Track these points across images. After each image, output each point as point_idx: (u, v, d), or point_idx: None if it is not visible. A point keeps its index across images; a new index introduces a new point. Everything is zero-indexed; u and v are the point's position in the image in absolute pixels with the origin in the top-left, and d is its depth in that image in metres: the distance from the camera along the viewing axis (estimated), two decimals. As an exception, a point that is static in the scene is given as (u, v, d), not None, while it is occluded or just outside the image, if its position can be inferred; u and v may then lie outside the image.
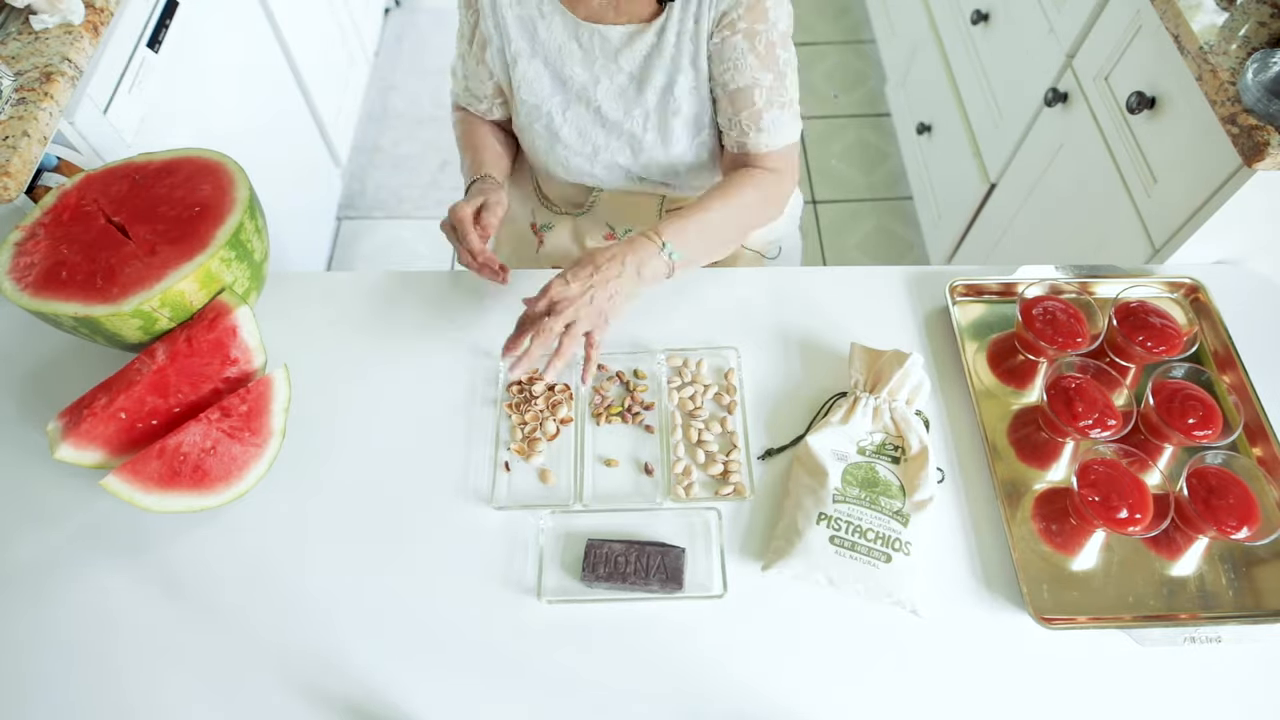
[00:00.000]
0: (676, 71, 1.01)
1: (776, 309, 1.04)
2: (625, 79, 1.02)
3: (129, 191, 0.96)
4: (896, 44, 2.43)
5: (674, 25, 0.98)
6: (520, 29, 1.01)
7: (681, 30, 0.98)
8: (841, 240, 2.35)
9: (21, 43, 1.16)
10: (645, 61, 1.01)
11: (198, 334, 0.90)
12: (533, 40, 1.01)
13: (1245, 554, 0.88)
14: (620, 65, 1.01)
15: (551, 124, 1.07)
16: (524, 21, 1.00)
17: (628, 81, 1.02)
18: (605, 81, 1.02)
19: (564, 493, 0.92)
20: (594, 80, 1.03)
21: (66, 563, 0.88)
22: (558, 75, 1.03)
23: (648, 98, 1.03)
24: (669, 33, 0.98)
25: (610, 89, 1.03)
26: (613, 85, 1.03)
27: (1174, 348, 0.97)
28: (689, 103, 1.03)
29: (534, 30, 1.00)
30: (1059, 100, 1.52)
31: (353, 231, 2.37)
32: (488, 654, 0.83)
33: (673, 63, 1.00)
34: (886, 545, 0.84)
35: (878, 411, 0.92)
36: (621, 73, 1.02)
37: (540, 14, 0.99)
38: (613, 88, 1.03)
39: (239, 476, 0.90)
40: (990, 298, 1.08)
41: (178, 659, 0.83)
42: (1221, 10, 1.14)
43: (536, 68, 1.03)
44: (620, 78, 1.02)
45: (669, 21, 0.98)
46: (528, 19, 1.00)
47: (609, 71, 1.02)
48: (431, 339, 1.04)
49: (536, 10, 0.99)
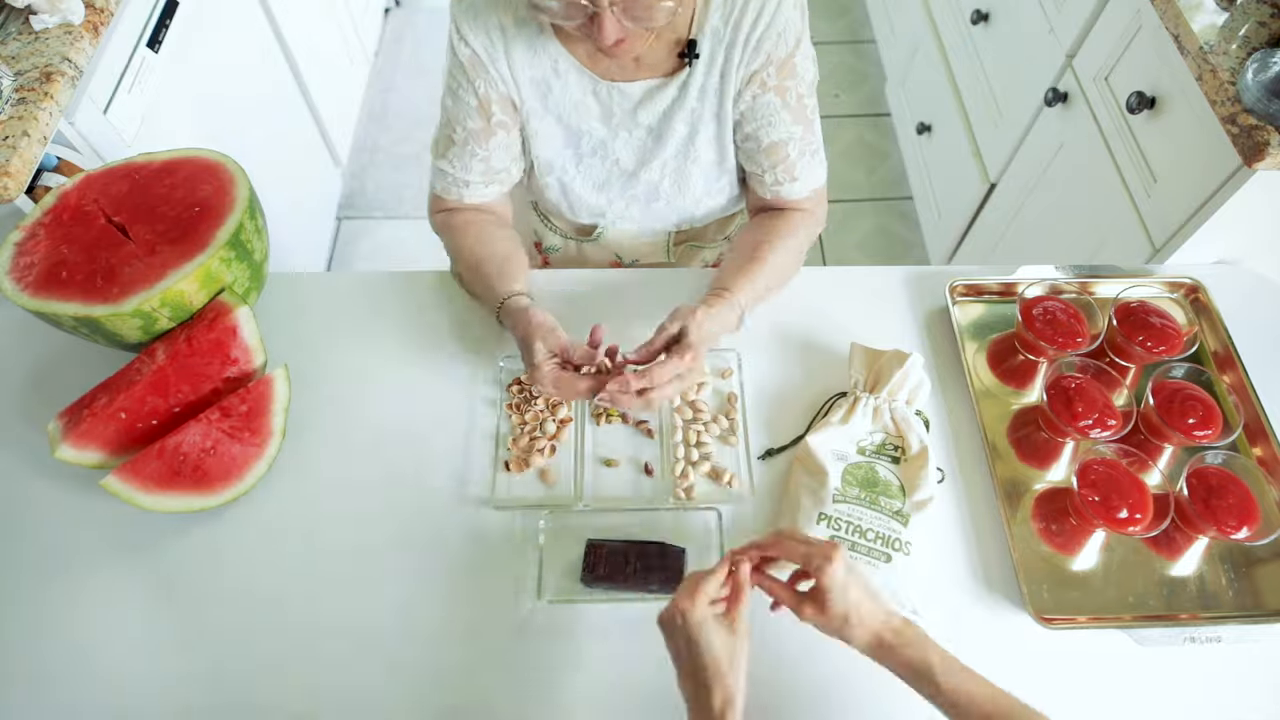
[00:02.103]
0: (699, 123, 1.00)
1: (776, 309, 1.04)
2: (644, 132, 1.01)
3: (129, 191, 0.96)
4: (896, 44, 2.43)
5: (697, 80, 0.96)
6: (533, 90, 0.98)
7: (705, 85, 0.97)
8: (841, 240, 2.35)
9: (21, 43, 1.16)
10: (665, 115, 0.99)
11: (198, 334, 0.90)
12: (545, 99, 0.98)
13: (1245, 554, 0.88)
14: (639, 120, 1.00)
15: (564, 177, 1.06)
16: (537, 83, 0.97)
17: (646, 135, 1.01)
18: (624, 134, 1.01)
19: (564, 493, 0.92)
20: (612, 135, 1.01)
21: (66, 563, 0.88)
22: (572, 131, 1.01)
23: (667, 148, 1.02)
24: (691, 87, 0.97)
25: (629, 142, 1.02)
26: (631, 139, 1.02)
27: (1174, 348, 0.97)
28: (709, 151, 1.02)
29: (548, 90, 0.97)
30: (1059, 100, 1.51)
31: (353, 231, 2.37)
32: (488, 653, 0.83)
33: (694, 115, 0.99)
34: (886, 545, 0.84)
35: (878, 411, 0.92)
36: (640, 127, 1.00)
37: (555, 73, 0.96)
38: (631, 140, 1.02)
39: (239, 476, 0.90)
40: (990, 298, 1.08)
41: (177, 658, 0.83)
42: (1221, 10, 1.14)
43: (549, 125, 1.01)
44: (639, 132, 1.01)
45: (692, 77, 0.96)
46: (541, 80, 0.97)
47: (627, 126, 1.00)
48: (432, 339, 1.04)
49: (551, 70, 0.96)
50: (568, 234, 1.20)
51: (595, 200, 1.08)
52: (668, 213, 1.10)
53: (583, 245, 1.19)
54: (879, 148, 2.54)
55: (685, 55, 0.94)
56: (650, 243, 1.17)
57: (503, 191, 1.06)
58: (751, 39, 0.92)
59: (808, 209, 1.05)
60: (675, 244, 1.18)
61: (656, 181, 1.05)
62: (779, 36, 0.92)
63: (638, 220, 1.11)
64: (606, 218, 1.11)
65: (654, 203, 1.08)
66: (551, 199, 1.10)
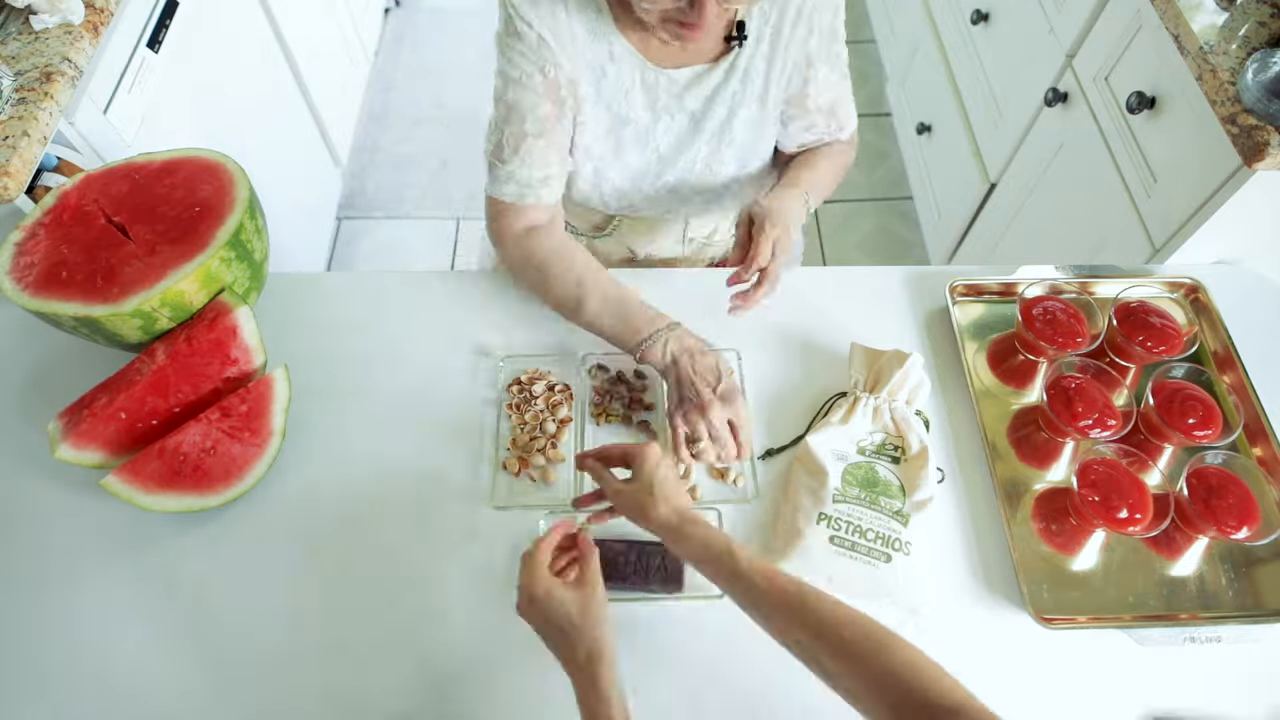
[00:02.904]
0: (739, 105, 1.00)
1: (776, 309, 1.04)
2: (686, 118, 1.01)
3: (129, 191, 0.96)
4: (896, 44, 2.43)
5: (743, 63, 0.97)
6: (589, 75, 0.96)
7: (750, 67, 0.97)
8: (842, 240, 2.35)
9: (21, 43, 1.16)
10: (709, 100, 1.00)
11: (198, 334, 0.90)
12: (599, 85, 0.97)
13: (1245, 554, 0.88)
14: (684, 105, 1.00)
15: (601, 165, 1.05)
16: (593, 68, 0.96)
17: (687, 120, 1.01)
18: (665, 120, 1.01)
19: (564, 492, 0.92)
20: (655, 120, 1.01)
21: (66, 563, 0.88)
22: (618, 119, 1.00)
23: (705, 133, 1.02)
24: (737, 69, 0.97)
25: (670, 127, 1.02)
26: (673, 124, 1.01)
27: (1174, 348, 0.97)
28: (746, 132, 1.03)
29: (602, 75, 0.96)
30: (1059, 100, 1.51)
31: (353, 231, 2.37)
32: (488, 653, 0.83)
33: (734, 98, 0.99)
34: (886, 545, 0.84)
35: (878, 411, 0.92)
36: (683, 112, 1.00)
37: (611, 59, 0.95)
38: (673, 126, 1.02)
39: (239, 477, 0.90)
40: (990, 298, 1.08)
41: (178, 658, 0.83)
42: (1221, 10, 1.14)
43: (599, 112, 1.00)
44: (681, 117, 1.01)
45: (738, 59, 0.96)
46: (597, 65, 0.95)
47: (670, 111, 1.00)
48: (431, 339, 1.04)
49: (608, 56, 0.95)
50: (583, 231, 1.19)
51: (628, 188, 1.07)
52: (694, 197, 1.10)
53: (595, 241, 1.19)
54: (879, 147, 2.54)
55: (732, 38, 0.95)
56: (664, 235, 1.16)
57: None
58: (803, 15, 0.95)
59: (850, 140, 1.13)
60: (689, 236, 1.18)
61: (690, 166, 1.06)
62: (819, 8, 0.95)
63: (664, 206, 1.11)
64: (635, 205, 1.10)
65: (684, 186, 1.08)
66: (583, 189, 1.07)
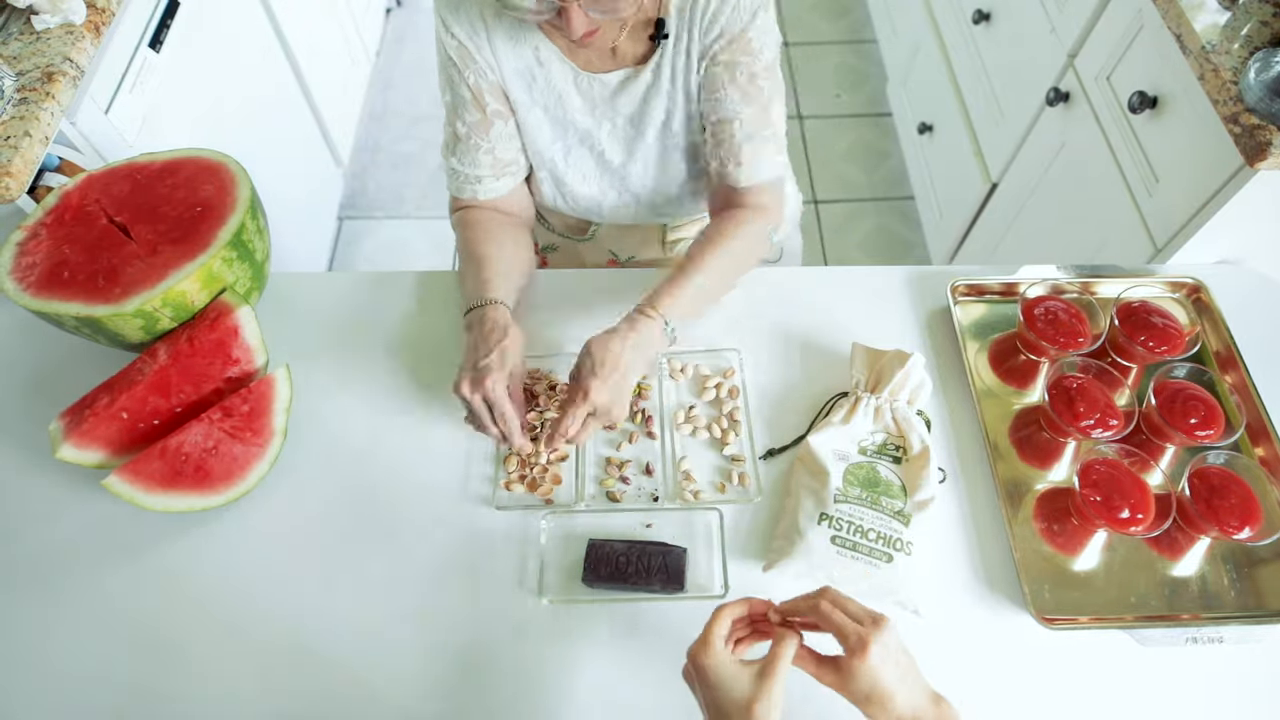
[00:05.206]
0: (674, 106, 0.99)
1: (778, 309, 1.04)
2: (624, 121, 1.01)
3: (131, 191, 0.96)
4: (898, 44, 2.43)
5: (668, 61, 0.96)
6: (518, 80, 0.98)
7: (674, 65, 0.96)
8: (843, 240, 2.35)
9: (23, 43, 1.16)
10: (643, 102, 0.99)
11: (199, 334, 0.90)
12: (530, 90, 0.98)
13: (1247, 554, 0.88)
14: (618, 109, 1.00)
15: (555, 170, 1.06)
16: (521, 73, 0.97)
17: (627, 124, 1.01)
18: (607, 126, 1.01)
19: (565, 493, 0.92)
20: (596, 126, 1.01)
21: (68, 563, 0.88)
22: (558, 122, 1.02)
23: (648, 137, 1.02)
24: (664, 69, 0.96)
25: (613, 134, 1.02)
26: (614, 129, 1.02)
27: (1176, 348, 0.97)
28: (686, 134, 1.02)
29: (532, 80, 0.97)
30: (1060, 100, 1.51)
31: (354, 231, 2.37)
32: (488, 654, 0.83)
33: (669, 98, 0.99)
34: (888, 545, 0.84)
35: (879, 411, 0.92)
36: (620, 115, 1.00)
37: (539, 62, 0.96)
38: (615, 132, 1.02)
39: (241, 476, 0.90)
40: (992, 297, 1.07)
41: (178, 658, 0.83)
42: (1223, 10, 1.14)
43: (536, 116, 1.01)
44: (619, 120, 1.01)
45: (663, 59, 0.96)
46: (525, 70, 0.97)
47: (609, 116, 1.01)
48: (433, 339, 1.04)
49: (534, 60, 0.96)
50: (563, 233, 1.20)
51: (588, 193, 1.08)
52: (658, 202, 1.10)
53: (578, 244, 1.19)
54: (880, 147, 2.54)
55: (655, 37, 0.94)
56: (644, 239, 1.17)
57: (516, 184, 1.06)
58: (708, 11, 0.91)
59: (759, 204, 0.98)
60: (669, 240, 1.18)
61: (642, 172, 1.05)
62: (734, 9, 0.91)
63: (631, 213, 1.11)
64: (602, 212, 1.11)
65: (643, 193, 1.08)
66: (547, 193, 1.10)
